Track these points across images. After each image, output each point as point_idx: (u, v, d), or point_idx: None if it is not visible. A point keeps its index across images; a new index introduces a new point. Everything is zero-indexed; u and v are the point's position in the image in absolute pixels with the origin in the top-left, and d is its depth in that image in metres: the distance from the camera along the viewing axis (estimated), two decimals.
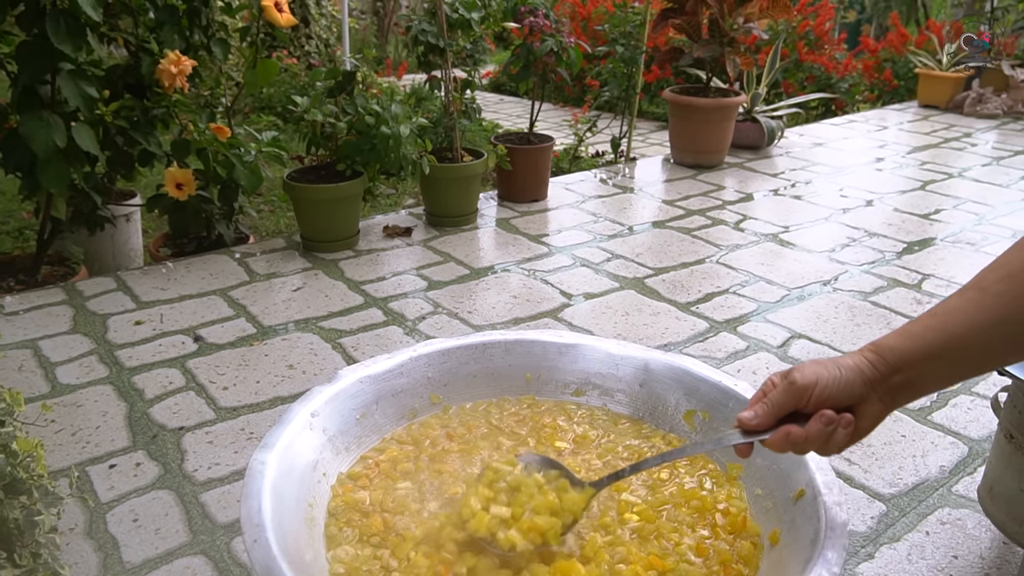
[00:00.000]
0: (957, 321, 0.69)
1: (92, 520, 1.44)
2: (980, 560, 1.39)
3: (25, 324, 2.15)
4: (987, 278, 0.69)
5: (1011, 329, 0.67)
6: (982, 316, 0.68)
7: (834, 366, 0.73)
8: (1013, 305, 0.67)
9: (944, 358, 0.70)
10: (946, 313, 0.70)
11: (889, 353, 0.71)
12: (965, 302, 0.69)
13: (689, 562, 0.79)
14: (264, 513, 0.73)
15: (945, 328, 0.69)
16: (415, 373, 1.02)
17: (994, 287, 0.68)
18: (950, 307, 0.70)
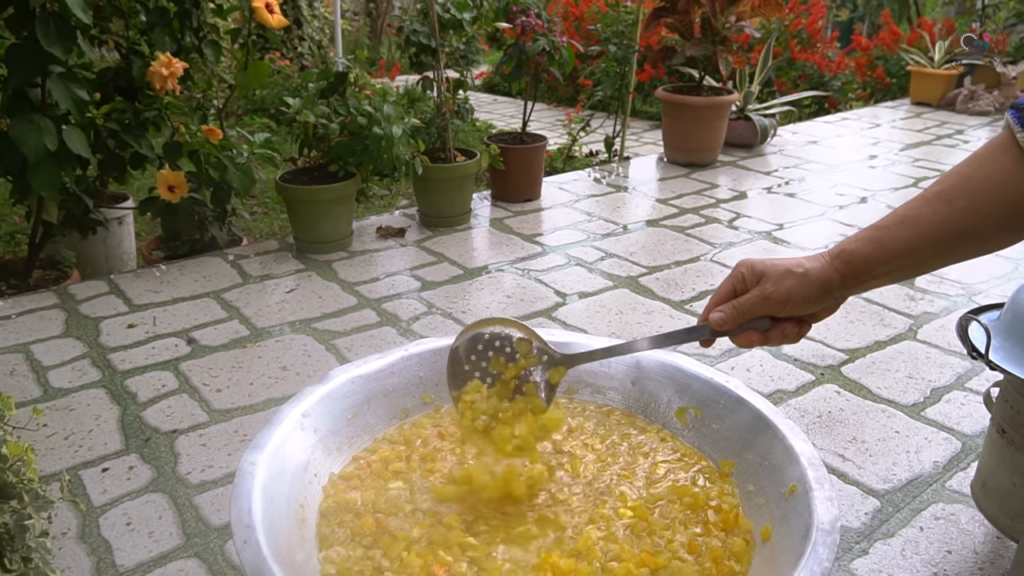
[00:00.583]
0: (926, 231, 0.75)
1: (85, 524, 1.44)
2: (974, 555, 1.40)
3: (17, 328, 2.14)
4: (952, 191, 0.74)
5: (971, 238, 0.75)
6: (947, 228, 0.74)
7: (806, 282, 0.77)
8: (974, 218, 0.73)
9: (908, 263, 0.77)
10: (915, 223, 0.75)
11: (861, 264, 0.77)
12: (933, 213, 0.75)
13: (681, 559, 0.79)
14: (254, 514, 0.73)
15: (915, 238, 0.75)
16: (407, 373, 1.01)
17: (959, 202, 0.74)
18: (919, 217, 0.75)
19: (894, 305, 2.36)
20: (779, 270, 0.78)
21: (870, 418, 1.79)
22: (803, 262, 0.78)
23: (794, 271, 0.78)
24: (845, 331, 2.19)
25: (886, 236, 0.76)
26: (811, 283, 0.77)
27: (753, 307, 0.79)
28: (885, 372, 1.98)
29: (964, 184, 0.74)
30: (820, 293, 0.78)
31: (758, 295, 0.79)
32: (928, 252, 0.75)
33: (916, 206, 0.76)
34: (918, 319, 2.27)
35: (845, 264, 0.77)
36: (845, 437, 1.72)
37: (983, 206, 0.73)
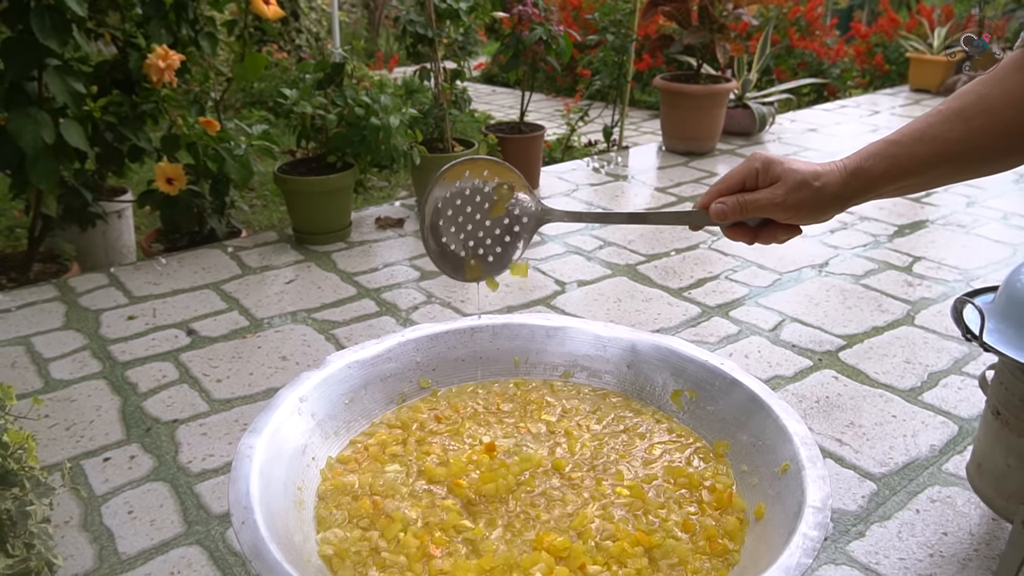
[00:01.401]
0: (944, 149, 0.73)
1: (87, 512, 1.45)
2: (969, 536, 1.41)
3: (17, 321, 2.15)
4: (969, 109, 0.73)
5: (985, 157, 0.74)
6: (963, 146, 0.73)
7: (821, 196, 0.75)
8: (990, 138, 0.72)
9: (916, 180, 0.75)
10: (932, 140, 0.74)
11: (875, 180, 0.75)
12: (949, 131, 0.73)
13: (676, 538, 0.79)
14: (252, 496, 0.73)
15: (929, 156, 0.74)
16: (403, 358, 1.02)
17: (976, 120, 0.72)
18: (936, 134, 0.74)
19: (892, 291, 2.36)
20: (796, 179, 0.76)
21: (867, 403, 1.80)
22: (820, 173, 0.76)
23: (811, 183, 0.75)
24: (843, 317, 2.20)
25: (903, 153, 0.75)
26: (826, 197, 0.76)
27: (760, 208, 0.77)
28: (883, 357, 1.99)
29: (981, 102, 0.73)
30: (831, 205, 0.76)
31: (769, 199, 0.77)
32: (942, 170, 0.75)
33: (932, 123, 0.74)
34: (916, 304, 2.27)
35: (859, 180, 0.76)
36: (842, 422, 1.73)
37: (1000, 124, 0.72)
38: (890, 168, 0.75)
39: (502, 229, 0.86)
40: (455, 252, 0.86)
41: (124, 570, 1.32)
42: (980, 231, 2.84)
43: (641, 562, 0.76)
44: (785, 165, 0.77)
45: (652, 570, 0.76)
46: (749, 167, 0.78)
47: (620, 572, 0.75)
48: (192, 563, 1.34)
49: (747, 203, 0.78)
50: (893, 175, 0.75)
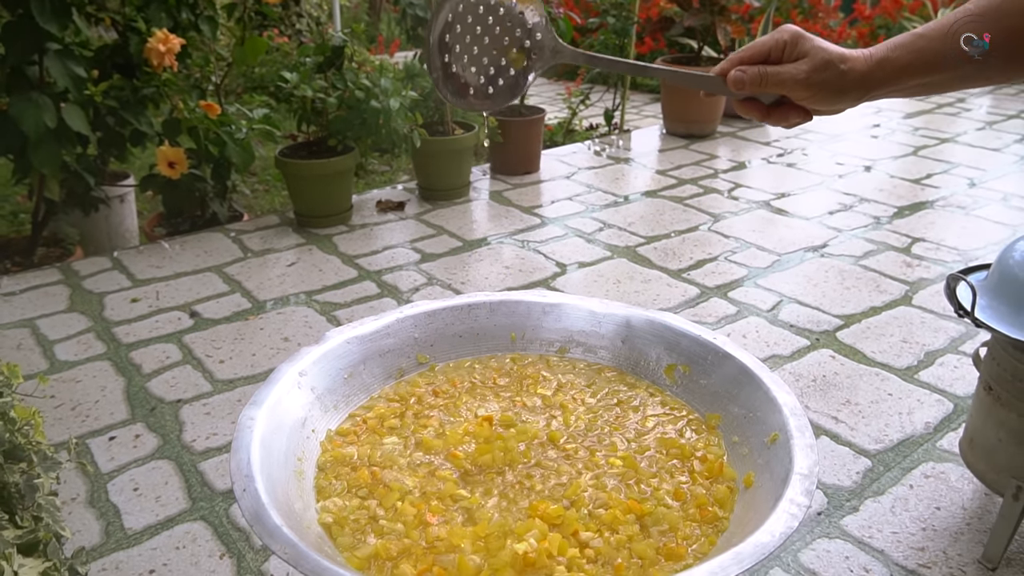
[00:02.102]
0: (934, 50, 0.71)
1: (93, 490, 1.47)
2: (962, 511, 1.42)
3: (22, 304, 2.17)
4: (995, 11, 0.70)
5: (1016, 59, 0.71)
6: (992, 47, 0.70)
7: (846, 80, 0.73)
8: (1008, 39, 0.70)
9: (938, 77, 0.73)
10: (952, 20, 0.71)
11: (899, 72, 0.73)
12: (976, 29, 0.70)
13: (667, 506, 0.81)
14: (253, 465, 0.75)
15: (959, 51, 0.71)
16: (402, 334, 1.04)
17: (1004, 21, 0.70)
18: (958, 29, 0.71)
19: (891, 272, 2.37)
20: (823, 56, 0.73)
21: (864, 381, 1.81)
22: (847, 57, 0.73)
23: (837, 65, 0.73)
24: (841, 297, 2.21)
25: (929, 48, 0.72)
26: (849, 81, 0.73)
27: (781, 83, 0.74)
28: (880, 337, 2.00)
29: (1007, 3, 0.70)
30: (852, 92, 0.74)
31: (792, 74, 0.74)
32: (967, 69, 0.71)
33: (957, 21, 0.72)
34: (914, 285, 2.28)
35: (883, 70, 0.73)
36: (839, 400, 1.75)
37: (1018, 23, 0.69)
38: (914, 61, 0.72)
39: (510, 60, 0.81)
40: (458, 75, 0.81)
41: (130, 545, 1.35)
42: (980, 212, 2.84)
43: (632, 529, 0.78)
44: (814, 42, 0.74)
45: (643, 536, 0.78)
46: (777, 38, 0.75)
47: (612, 539, 0.77)
48: (197, 538, 1.36)
49: (768, 75, 0.74)
50: (917, 68, 0.72)
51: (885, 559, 1.32)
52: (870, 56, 0.74)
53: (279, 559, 1.29)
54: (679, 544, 0.77)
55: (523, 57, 0.80)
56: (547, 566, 0.73)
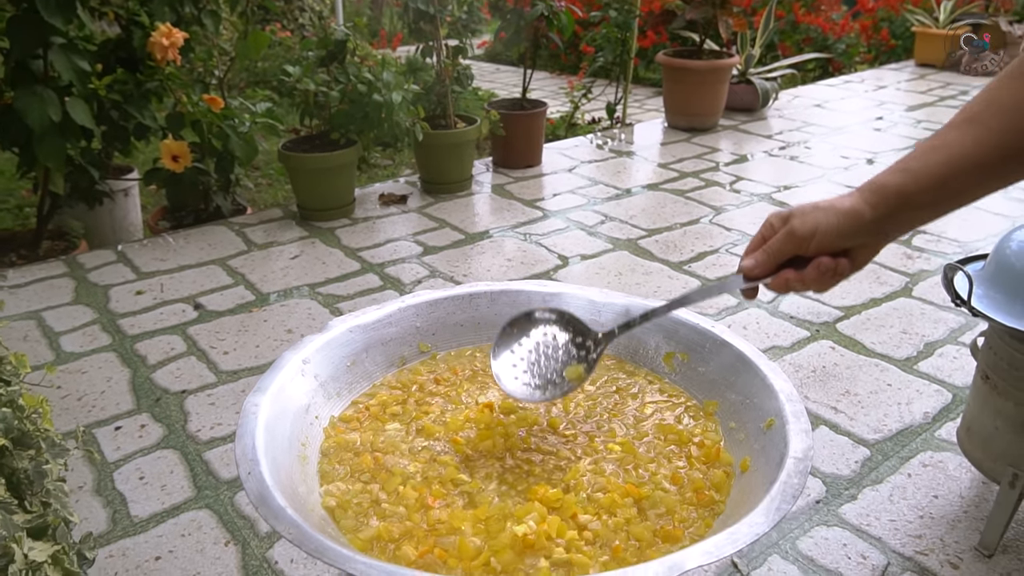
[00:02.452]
0: (959, 155, 0.70)
1: (100, 479, 1.49)
2: (960, 499, 1.44)
3: (28, 296, 2.19)
4: (982, 113, 0.70)
5: (1007, 158, 0.70)
6: (981, 150, 0.69)
7: (833, 213, 0.74)
8: (1010, 137, 0.69)
9: (942, 192, 0.71)
10: (947, 148, 0.71)
11: (892, 194, 0.72)
12: (962, 135, 0.70)
13: (664, 490, 0.83)
14: (258, 449, 0.77)
15: (948, 163, 0.70)
16: (404, 323, 1.05)
17: (991, 121, 0.69)
18: (949, 142, 0.71)
19: (891, 263, 2.38)
20: (804, 207, 0.76)
21: (863, 372, 1.83)
22: (830, 199, 0.76)
23: (820, 205, 0.75)
24: (841, 289, 2.22)
25: (917, 164, 0.72)
26: (838, 213, 0.73)
27: (782, 246, 0.76)
28: (880, 328, 2.01)
29: (992, 106, 0.70)
30: (848, 224, 0.73)
31: (785, 232, 0.76)
32: (964, 178, 0.70)
33: (944, 133, 0.72)
34: (914, 276, 2.29)
35: (874, 195, 0.73)
36: (838, 390, 1.76)
37: (1018, 123, 0.68)
38: (906, 181, 0.72)
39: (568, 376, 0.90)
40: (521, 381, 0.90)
41: (137, 532, 1.37)
42: (980, 204, 2.83)
43: (630, 512, 0.79)
44: (795, 205, 0.77)
45: (641, 519, 0.79)
46: (765, 224, 0.79)
47: (610, 521, 0.78)
48: (202, 525, 1.38)
49: (769, 248, 0.77)
50: (912, 188, 0.71)
51: (883, 546, 1.33)
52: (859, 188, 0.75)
53: (283, 547, 1.31)
54: (676, 527, 0.78)
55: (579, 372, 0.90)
56: (546, 548, 0.75)
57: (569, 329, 0.92)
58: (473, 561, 0.73)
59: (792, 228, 0.75)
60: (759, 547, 1.33)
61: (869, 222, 0.73)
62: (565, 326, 0.92)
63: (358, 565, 0.64)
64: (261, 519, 1.39)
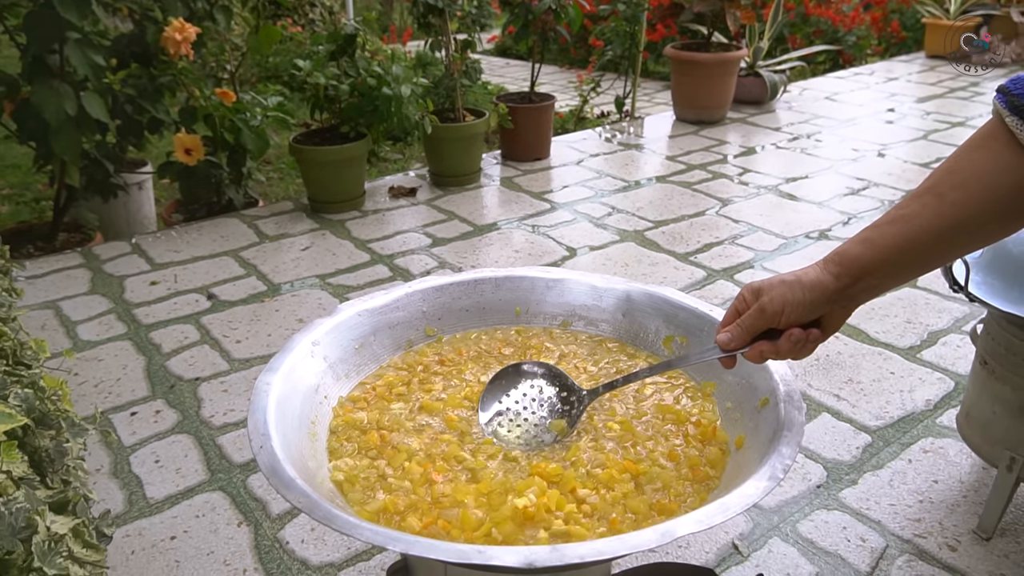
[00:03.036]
0: (917, 227, 0.72)
1: (117, 462, 1.53)
2: (959, 484, 1.46)
3: (46, 286, 2.24)
4: (942, 184, 0.72)
5: (964, 231, 0.71)
6: (939, 222, 0.71)
7: (799, 288, 0.77)
8: (966, 210, 0.70)
9: (902, 262, 0.74)
10: (905, 220, 0.73)
11: (854, 264, 0.75)
12: (922, 207, 0.72)
13: (661, 466, 0.85)
14: (269, 424, 0.80)
15: (905, 235, 0.73)
16: (411, 307, 1.08)
17: (950, 194, 0.70)
18: (909, 213, 0.73)
19: None
20: (773, 282, 0.79)
21: (867, 360, 1.84)
22: (797, 272, 0.79)
23: (786, 279, 0.78)
24: None
25: (877, 235, 0.74)
26: (803, 287, 0.77)
27: (753, 322, 0.80)
28: (884, 317, 2.03)
29: (953, 177, 0.71)
30: (814, 296, 0.76)
31: (756, 309, 0.79)
32: (923, 249, 0.73)
33: (906, 204, 0.74)
34: None
35: (837, 265, 0.76)
36: (841, 378, 1.78)
37: (976, 197, 0.69)
38: (865, 251, 0.74)
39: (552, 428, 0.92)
40: (509, 435, 0.92)
41: (152, 513, 1.41)
42: None
43: (627, 487, 0.82)
44: (765, 280, 0.80)
45: (638, 493, 0.82)
46: (738, 297, 0.83)
47: (608, 495, 0.81)
48: (216, 507, 1.42)
49: (742, 323, 0.81)
50: (870, 258, 0.74)
51: (882, 529, 1.35)
52: (821, 260, 0.77)
53: (294, 528, 1.35)
54: (672, 501, 0.81)
55: (562, 425, 0.91)
56: (545, 520, 0.77)
57: (556, 384, 0.94)
58: (475, 532, 0.76)
59: (762, 306, 0.79)
60: (760, 530, 1.36)
61: (834, 292, 0.76)
62: (552, 380, 0.94)
63: (364, 532, 0.67)
64: (272, 501, 1.43)
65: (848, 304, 0.78)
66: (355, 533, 0.67)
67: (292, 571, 1.29)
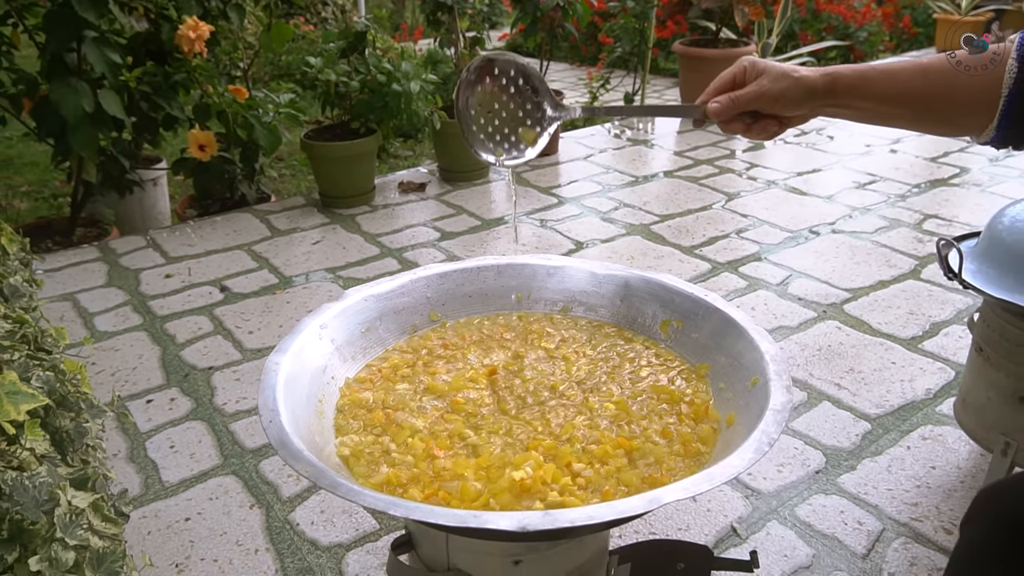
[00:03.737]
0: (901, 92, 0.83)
1: (133, 447, 1.58)
2: (957, 470, 1.48)
3: (64, 279, 2.30)
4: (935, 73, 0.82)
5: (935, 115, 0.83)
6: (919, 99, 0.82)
7: (799, 86, 0.84)
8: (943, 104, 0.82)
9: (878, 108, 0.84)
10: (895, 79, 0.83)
11: (843, 87, 0.84)
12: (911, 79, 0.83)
13: (654, 442, 0.88)
14: (278, 400, 0.84)
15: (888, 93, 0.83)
16: (415, 293, 1.12)
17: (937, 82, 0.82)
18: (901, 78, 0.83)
19: (901, 247, 2.41)
20: (778, 71, 0.85)
21: (868, 351, 1.86)
22: (799, 68, 0.85)
23: (791, 74, 0.84)
24: (850, 272, 2.25)
25: (874, 76, 0.84)
26: (802, 87, 0.84)
27: (749, 101, 0.86)
28: (887, 309, 2.05)
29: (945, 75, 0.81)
30: (806, 98, 0.84)
31: (756, 90, 0.85)
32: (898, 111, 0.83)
33: (904, 67, 0.83)
34: (923, 260, 2.32)
35: (832, 81, 0.84)
36: (842, 368, 1.80)
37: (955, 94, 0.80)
38: (858, 84, 0.84)
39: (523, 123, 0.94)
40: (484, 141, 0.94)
41: (168, 495, 1.45)
42: (996, 189, 2.86)
43: (621, 461, 0.85)
44: (768, 62, 0.87)
45: (631, 467, 0.85)
46: (738, 67, 0.88)
47: (602, 469, 0.84)
48: (228, 490, 1.46)
49: (737, 98, 0.86)
50: (858, 92, 0.84)
51: (879, 513, 1.38)
52: (821, 70, 0.86)
53: (304, 510, 1.39)
54: (663, 475, 0.84)
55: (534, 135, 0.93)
56: (541, 492, 0.81)
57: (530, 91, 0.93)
58: (473, 502, 0.80)
59: (763, 89, 0.85)
60: (758, 513, 1.38)
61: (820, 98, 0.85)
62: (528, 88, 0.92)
63: (367, 498, 0.70)
64: (283, 484, 1.47)
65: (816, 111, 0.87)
66: (358, 499, 0.71)
67: (302, 551, 1.33)
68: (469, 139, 0.93)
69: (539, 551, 0.86)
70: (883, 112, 0.85)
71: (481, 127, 0.93)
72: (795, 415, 1.65)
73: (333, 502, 1.43)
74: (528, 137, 0.92)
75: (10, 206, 3.31)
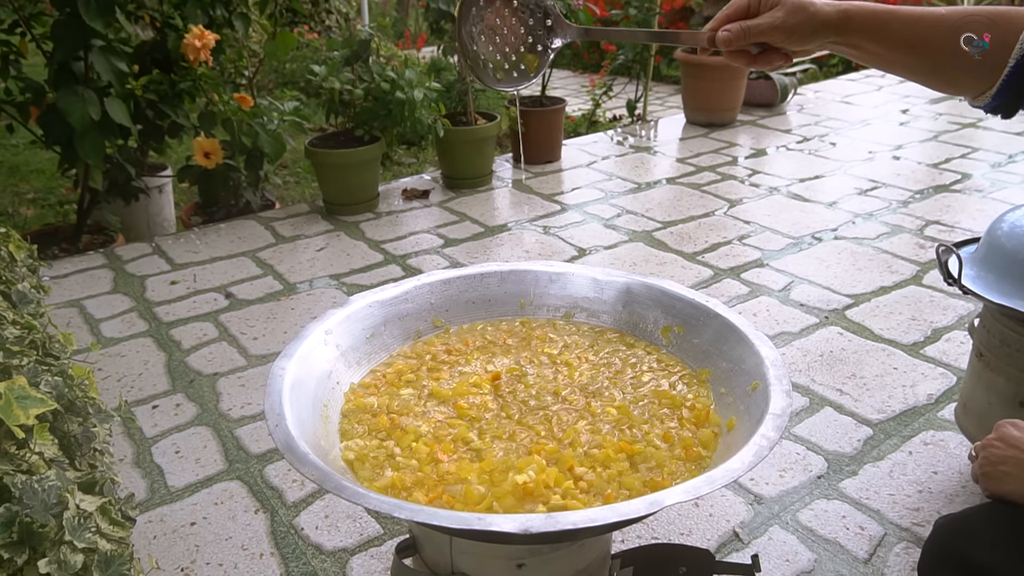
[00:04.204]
0: (913, 42, 0.81)
1: (139, 452, 1.59)
2: (959, 475, 1.48)
3: (70, 286, 2.31)
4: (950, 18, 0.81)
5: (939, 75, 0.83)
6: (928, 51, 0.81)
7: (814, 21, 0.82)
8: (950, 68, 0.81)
9: (887, 56, 0.83)
10: (915, 29, 0.81)
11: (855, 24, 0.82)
12: (929, 35, 0.81)
13: (655, 446, 0.89)
14: (284, 404, 0.85)
15: (902, 43, 0.82)
16: (419, 299, 1.13)
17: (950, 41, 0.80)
18: (918, 32, 0.81)
19: (903, 253, 2.41)
20: (793, 2, 0.82)
21: (870, 356, 1.87)
22: (814, 1, 0.82)
23: (807, 8, 0.81)
24: (852, 278, 2.26)
25: (892, 20, 0.82)
26: (817, 22, 0.81)
27: (761, 33, 0.82)
28: (888, 315, 2.05)
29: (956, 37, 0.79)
30: (818, 32, 0.82)
31: (770, 22, 0.82)
32: (904, 60, 0.82)
33: (924, 17, 0.81)
34: (925, 266, 2.33)
35: (846, 19, 0.82)
36: (844, 373, 1.81)
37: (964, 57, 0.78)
38: (872, 28, 0.82)
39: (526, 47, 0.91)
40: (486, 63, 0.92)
41: (173, 500, 1.46)
42: (998, 195, 2.86)
43: (623, 465, 0.86)
44: None
45: (632, 471, 0.86)
46: None
47: (604, 473, 0.85)
48: (233, 495, 1.47)
49: (750, 28, 0.83)
50: (870, 36, 0.82)
51: (880, 518, 1.38)
52: (840, 7, 0.83)
53: (308, 515, 1.40)
54: (665, 478, 0.85)
55: (535, 59, 0.91)
56: (544, 495, 0.82)
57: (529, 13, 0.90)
58: (477, 506, 0.81)
59: (778, 23, 0.82)
60: (760, 518, 1.39)
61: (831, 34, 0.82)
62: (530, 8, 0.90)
63: (371, 500, 0.71)
64: (287, 490, 1.48)
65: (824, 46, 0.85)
66: (363, 502, 0.72)
67: (307, 556, 1.34)
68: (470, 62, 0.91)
69: (542, 554, 0.87)
70: (888, 59, 0.83)
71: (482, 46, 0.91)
72: (797, 420, 1.65)
73: (337, 507, 1.44)
74: (531, 63, 0.90)
75: (17, 213, 3.34)
